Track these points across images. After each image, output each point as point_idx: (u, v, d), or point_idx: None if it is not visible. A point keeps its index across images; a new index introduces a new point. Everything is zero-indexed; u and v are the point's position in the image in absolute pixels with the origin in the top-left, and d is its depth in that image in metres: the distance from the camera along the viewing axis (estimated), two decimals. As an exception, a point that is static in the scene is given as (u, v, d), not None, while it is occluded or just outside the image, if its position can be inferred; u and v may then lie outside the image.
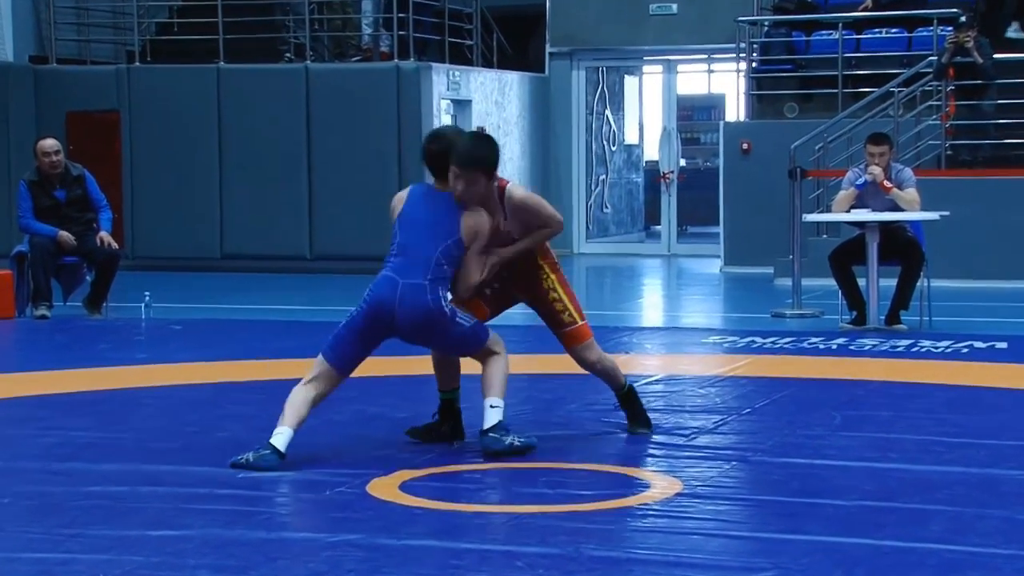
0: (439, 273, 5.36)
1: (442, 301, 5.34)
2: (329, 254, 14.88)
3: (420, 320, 5.33)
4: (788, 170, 11.13)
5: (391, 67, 14.80)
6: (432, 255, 5.35)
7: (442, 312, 5.33)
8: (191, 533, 4.26)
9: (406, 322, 5.34)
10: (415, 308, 5.31)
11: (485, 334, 5.45)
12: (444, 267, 5.37)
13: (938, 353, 8.22)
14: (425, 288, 5.32)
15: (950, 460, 5.25)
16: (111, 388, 7.18)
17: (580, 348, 5.62)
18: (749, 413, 6.19)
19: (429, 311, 5.31)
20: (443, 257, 5.36)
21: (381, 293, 5.35)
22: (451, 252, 5.38)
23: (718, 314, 11.61)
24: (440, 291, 5.35)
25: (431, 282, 5.33)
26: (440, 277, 5.36)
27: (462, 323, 5.39)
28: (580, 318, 5.60)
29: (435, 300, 5.32)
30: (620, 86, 18.44)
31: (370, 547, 4.10)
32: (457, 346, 5.49)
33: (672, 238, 17.36)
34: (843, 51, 14.64)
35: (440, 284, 5.36)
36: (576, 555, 4.00)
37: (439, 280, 5.36)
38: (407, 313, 5.32)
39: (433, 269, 5.34)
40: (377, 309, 5.35)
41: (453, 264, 5.40)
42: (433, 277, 5.34)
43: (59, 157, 10.38)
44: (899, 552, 4.02)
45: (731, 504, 4.71)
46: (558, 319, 5.59)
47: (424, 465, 5.20)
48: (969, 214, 12.28)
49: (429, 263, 5.34)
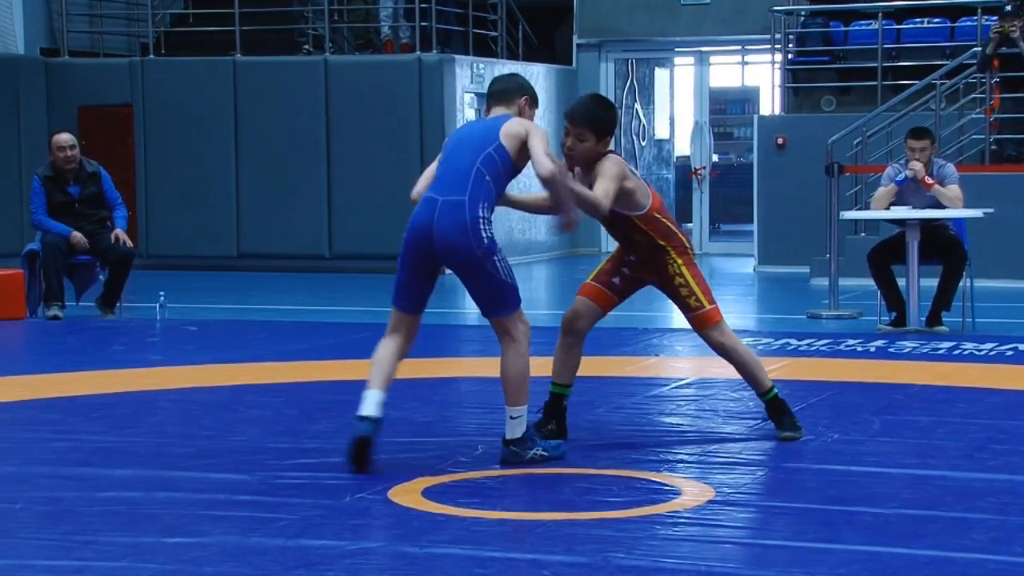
0: (480, 188, 5.17)
1: (481, 223, 5.15)
2: (349, 253, 14.93)
3: (456, 240, 5.13)
4: (825, 166, 11.11)
5: (413, 59, 14.83)
6: (471, 166, 5.19)
7: (479, 236, 5.13)
8: (208, 540, 4.28)
9: (443, 243, 5.15)
10: (452, 226, 5.14)
11: (517, 301, 5.28)
12: (486, 179, 5.19)
13: (981, 356, 8.20)
14: (464, 205, 5.15)
15: (994, 467, 5.25)
16: (125, 391, 7.22)
17: (709, 331, 5.67)
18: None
19: (465, 229, 5.12)
20: (484, 167, 5.20)
21: (419, 212, 5.23)
22: (492, 161, 5.21)
23: (752, 315, 11.60)
24: (480, 209, 5.16)
25: (471, 199, 5.15)
26: (482, 192, 5.17)
27: (498, 264, 5.20)
28: (708, 302, 5.65)
29: (473, 219, 5.14)
30: (650, 79, 18.43)
31: (392, 555, 4.13)
32: (487, 292, 5.23)
33: (704, 236, 17.36)
34: (883, 42, 14.61)
35: (481, 201, 5.16)
36: (604, 564, 4.01)
37: (480, 196, 5.16)
38: (444, 231, 5.14)
39: (473, 182, 5.17)
40: (415, 231, 5.22)
41: (497, 179, 5.22)
42: (473, 192, 5.16)
43: (75, 152, 10.43)
44: (939, 562, 4.01)
45: (765, 512, 4.72)
46: (685, 303, 5.66)
47: (447, 471, 5.22)
48: (1014, 211, 12.23)
49: (468, 175, 5.18)
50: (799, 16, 15.66)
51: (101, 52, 16.37)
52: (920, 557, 4.06)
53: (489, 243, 5.18)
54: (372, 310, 11.53)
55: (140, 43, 16.37)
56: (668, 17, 16.73)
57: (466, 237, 5.15)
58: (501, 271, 5.23)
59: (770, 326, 10.36)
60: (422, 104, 14.71)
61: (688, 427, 6.01)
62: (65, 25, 16.04)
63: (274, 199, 15.11)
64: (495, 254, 5.21)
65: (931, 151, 9.46)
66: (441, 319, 11.14)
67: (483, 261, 5.19)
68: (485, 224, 5.18)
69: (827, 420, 6.21)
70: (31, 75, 15.72)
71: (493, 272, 5.21)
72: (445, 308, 12.22)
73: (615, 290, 5.75)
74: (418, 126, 14.72)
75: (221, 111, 15.23)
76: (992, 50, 13.26)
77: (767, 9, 15.46)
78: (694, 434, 5.89)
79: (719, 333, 5.68)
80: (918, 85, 13.59)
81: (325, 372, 7.80)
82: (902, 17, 15.12)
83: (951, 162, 10.20)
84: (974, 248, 9.62)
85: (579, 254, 16.86)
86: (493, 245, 5.21)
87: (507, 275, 5.26)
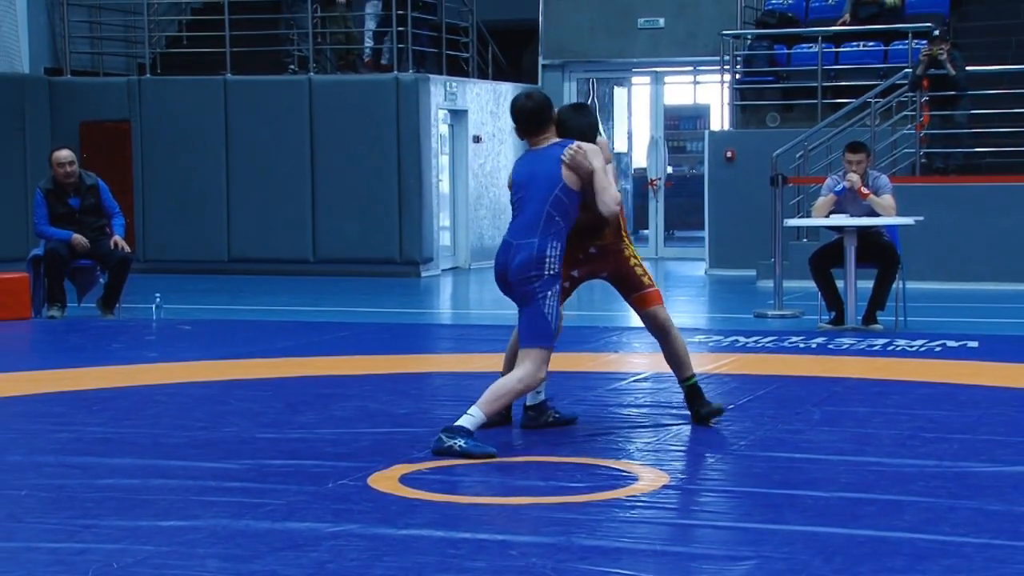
0: (551, 228, 5.31)
1: (547, 258, 5.27)
2: (331, 257, 14.89)
3: (523, 267, 5.28)
4: (770, 177, 11.14)
5: (391, 79, 14.80)
6: (542, 210, 5.32)
7: (541, 271, 5.26)
8: (200, 524, 4.26)
9: (515, 278, 5.33)
10: (520, 261, 5.30)
11: (547, 341, 5.30)
12: (556, 219, 5.32)
13: (912, 352, 8.24)
14: (534, 245, 5.30)
15: (924, 454, 5.27)
16: (123, 386, 7.17)
17: (657, 307, 5.75)
18: (733, 409, 6.20)
19: (530, 258, 5.27)
20: (553, 209, 5.33)
21: (498, 259, 5.44)
22: (561, 202, 5.33)
23: (703, 314, 11.62)
24: (549, 246, 5.29)
25: (541, 237, 5.30)
26: (553, 232, 5.31)
27: (546, 301, 5.28)
28: (652, 283, 5.77)
29: (540, 251, 5.28)
30: (610, 96, 18.45)
31: (371, 537, 4.11)
32: (528, 316, 5.31)
33: (659, 242, 17.38)
34: (822, 63, 14.66)
35: (552, 238, 5.30)
36: (567, 544, 4.01)
37: (551, 235, 5.30)
38: (515, 269, 5.32)
39: (544, 224, 5.31)
40: (498, 274, 5.45)
41: (566, 216, 5.35)
42: (544, 232, 5.30)
43: (73, 167, 10.37)
44: (875, 541, 4.03)
45: (715, 496, 4.72)
46: (640, 282, 5.72)
47: (423, 459, 5.20)
48: (942, 219, 12.31)
49: (539, 218, 5.32)
50: (746, 39, 15.70)
51: (101, 71, 16.28)
52: (858, 536, 4.08)
53: (548, 275, 5.29)
54: (353, 310, 11.50)
55: (137, 63, 16.28)
56: (626, 40, 16.74)
57: (529, 261, 5.29)
58: (545, 303, 5.31)
59: (720, 324, 10.37)
60: (399, 120, 14.68)
61: (645, 418, 6.02)
62: (67, 46, 15.95)
63: (262, 207, 15.05)
64: (548, 286, 5.29)
65: (867, 163, 9.49)
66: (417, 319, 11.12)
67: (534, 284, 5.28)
68: (550, 256, 5.29)
69: (772, 411, 6.23)
70: (35, 93, 15.62)
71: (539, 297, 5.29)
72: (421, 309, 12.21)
73: (567, 293, 5.70)
74: (395, 140, 14.70)
75: (212, 126, 15.16)
76: (922, 71, 13.33)
77: (717, 33, 15.50)
78: (650, 424, 5.90)
79: (663, 310, 5.78)
80: (855, 103, 13.64)
81: (309, 368, 7.77)
82: (840, 41, 15.18)
83: (885, 174, 10.24)
84: (906, 253, 9.66)
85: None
86: (551, 280, 5.29)
87: (550, 312, 5.31)
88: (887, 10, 15.12)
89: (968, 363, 7.76)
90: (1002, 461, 5.11)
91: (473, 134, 16.01)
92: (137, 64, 16.27)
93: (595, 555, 3.92)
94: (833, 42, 15.08)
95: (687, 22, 16.41)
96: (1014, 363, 7.75)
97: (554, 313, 5.33)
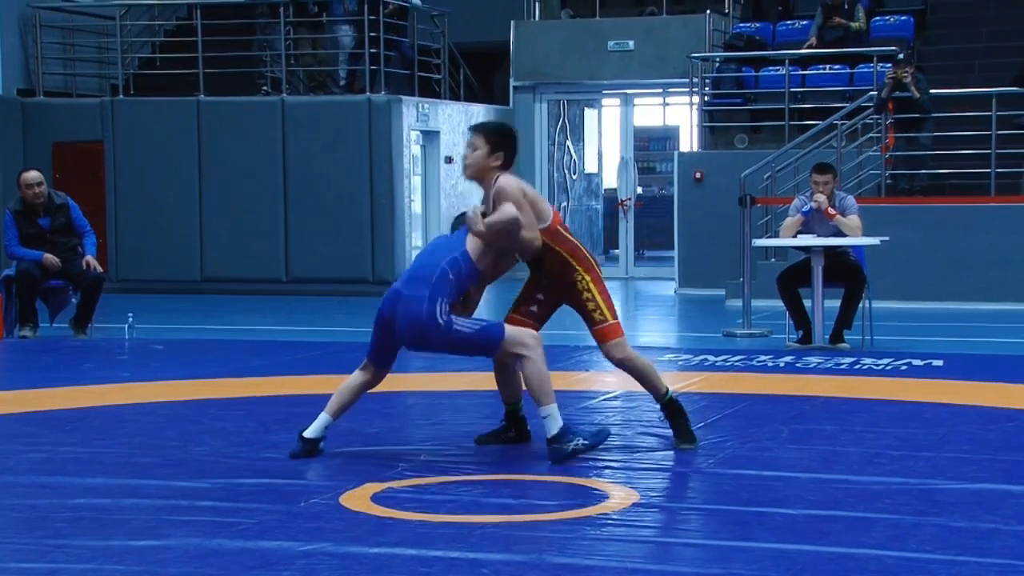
0: (443, 286, 5.36)
1: (437, 313, 5.33)
2: (304, 277, 14.85)
3: (413, 330, 5.38)
4: (738, 198, 11.19)
5: (363, 100, 14.81)
6: (437, 266, 5.40)
7: (435, 324, 5.33)
8: (172, 543, 4.23)
9: (402, 331, 5.42)
10: (409, 318, 5.37)
11: (496, 336, 5.40)
12: (450, 278, 5.38)
13: (879, 370, 8.27)
14: (423, 299, 5.33)
15: (891, 471, 5.28)
16: (96, 405, 7.13)
17: (609, 345, 5.57)
18: (702, 427, 6.21)
19: (421, 322, 5.33)
20: (450, 269, 5.39)
21: (384, 305, 5.50)
22: (458, 264, 5.40)
23: (673, 333, 11.64)
24: (439, 304, 5.34)
25: (431, 294, 5.34)
26: (444, 290, 5.36)
27: (462, 329, 5.36)
28: (611, 317, 5.56)
29: (430, 313, 5.32)
30: (580, 118, 18.51)
31: (343, 555, 4.10)
32: (462, 350, 5.48)
33: (629, 262, 17.42)
34: (789, 86, 14.75)
35: (441, 296, 5.35)
36: (539, 562, 4.00)
37: (441, 292, 5.35)
38: (402, 323, 5.40)
39: (436, 280, 5.36)
40: (381, 318, 5.50)
41: (461, 278, 5.41)
42: (435, 289, 5.35)
43: (41, 188, 10.33)
44: (842, 558, 4.04)
45: (685, 513, 4.72)
46: (591, 317, 5.57)
47: (394, 478, 5.19)
48: (908, 239, 12.39)
49: (433, 274, 5.38)
50: (715, 62, 15.79)
51: (74, 92, 16.22)
52: (825, 553, 4.09)
53: (445, 323, 5.35)
54: (325, 330, 11.48)
55: (110, 84, 16.23)
56: (597, 62, 16.81)
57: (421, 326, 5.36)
58: (463, 328, 5.38)
59: (689, 343, 10.39)
60: (371, 140, 14.68)
61: (615, 436, 6.02)
62: (40, 67, 15.88)
63: (235, 227, 15.01)
64: (453, 324, 5.36)
65: (833, 184, 9.55)
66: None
67: (444, 334, 5.37)
68: (441, 312, 5.35)
69: (741, 429, 6.24)
70: (8, 114, 15.54)
71: (457, 334, 5.38)
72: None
73: (534, 317, 5.69)
74: (368, 161, 14.69)
75: (185, 147, 15.12)
76: (887, 94, 13.43)
77: (686, 56, 15.57)
78: (620, 443, 5.90)
79: (617, 347, 5.60)
80: (821, 125, 13.72)
81: (282, 387, 7.74)
82: (807, 64, 15.28)
83: (851, 195, 10.30)
84: (872, 272, 9.71)
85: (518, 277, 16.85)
86: (449, 321, 5.36)
87: (472, 327, 5.40)
88: (852, 34, 15.23)
89: (933, 381, 7.80)
90: (967, 478, 5.14)
91: (445, 155, 16.02)
92: (110, 85, 16.22)
93: (566, 573, 3.92)
94: (800, 65, 15.19)
95: (656, 45, 16.49)
96: (978, 381, 7.80)
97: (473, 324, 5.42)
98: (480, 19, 17.70)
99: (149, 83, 16.03)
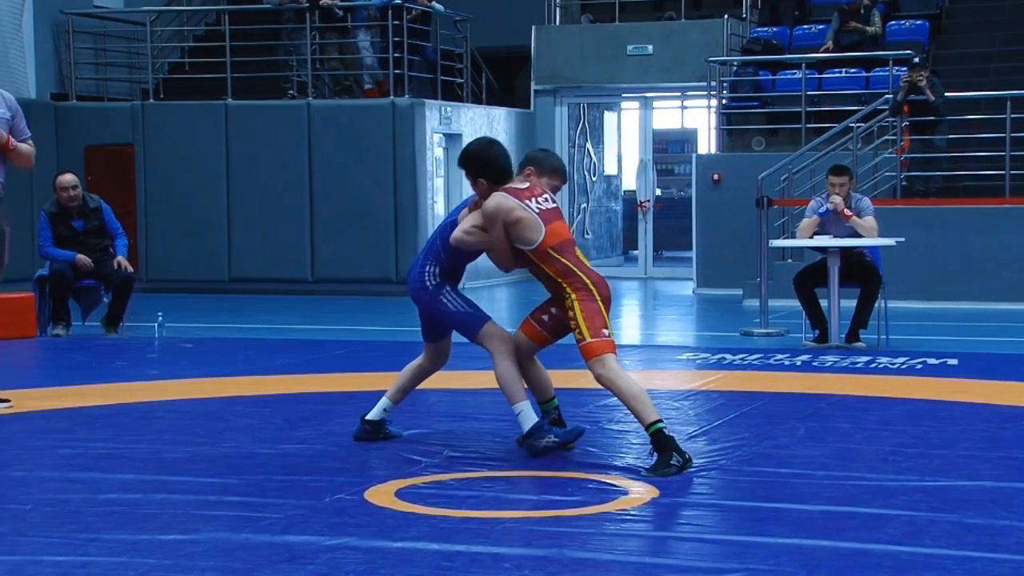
0: (432, 252, 5.64)
1: (425, 276, 5.62)
2: (329, 277, 14.88)
3: (411, 289, 5.69)
4: (755, 199, 11.17)
5: (387, 103, 14.83)
6: (435, 237, 5.71)
7: (423, 286, 5.60)
8: (200, 537, 4.25)
9: (410, 292, 5.72)
10: (409, 280, 5.74)
11: (474, 324, 5.57)
12: (438, 245, 5.63)
13: (894, 369, 8.25)
14: (418, 262, 5.67)
15: (905, 469, 5.27)
16: (126, 402, 7.16)
17: (590, 362, 5.38)
18: (720, 425, 6.20)
19: (413, 283, 5.65)
20: (439, 237, 5.66)
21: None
22: (446, 232, 5.62)
23: (691, 333, 11.62)
24: (428, 266, 5.64)
25: (422, 259, 5.65)
26: (433, 255, 5.63)
27: (446, 303, 5.59)
28: (590, 335, 5.34)
29: (419, 275, 5.62)
30: (600, 121, 18.50)
31: (367, 550, 4.10)
32: (448, 325, 5.70)
33: (648, 262, 17.40)
34: (806, 89, 14.71)
35: (430, 260, 5.64)
36: (559, 557, 4.00)
37: (430, 256, 5.64)
38: (409, 284, 5.73)
39: (428, 246, 5.71)
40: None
41: (448, 250, 5.60)
42: (426, 255, 5.66)
43: (76, 191, 10.37)
44: (858, 554, 4.03)
45: (703, 510, 4.71)
46: (576, 336, 5.47)
47: (418, 474, 5.19)
48: (922, 240, 12.35)
49: (428, 242, 5.75)
50: (732, 66, 15.75)
51: (106, 96, 16.29)
52: (841, 549, 4.08)
53: (432, 287, 5.59)
54: (350, 329, 11.50)
55: (141, 88, 16.30)
56: (616, 66, 16.79)
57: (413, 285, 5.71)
58: (448, 303, 5.59)
59: (707, 342, 10.38)
60: (395, 143, 14.70)
61: (634, 433, 6.01)
62: (73, 72, 15.96)
63: (262, 228, 15.05)
64: (440, 292, 5.58)
65: (849, 186, 9.52)
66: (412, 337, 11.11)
67: (431, 300, 5.61)
68: (428, 275, 5.62)
69: (758, 426, 6.23)
70: (42, 118, 15.58)
71: (443, 305, 5.59)
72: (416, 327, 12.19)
73: (545, 327, 5.61)
74: (392, 163, 14.71)
75: (214, 149, 15.17)
76: (902, 97, 13.38)
77: (704, 59, 15.55)
78: (639, 439, 5.89)
79: (599, 365, 5.35)
80: (837, 128, 13.68)
81: (307, 385, 7.76)
82: (823, 67, 15.23)
83: (867, 196, 10.27)
84: (888, 273, 9.68)
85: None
86: (438, 287, 5.59)
87: (457, 306, 5.59)
88: (868, 38, 15.19)
89: (948, 380, 7.77)
90: (982, 476, 5.12)
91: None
92: (141, 89, 16.28)
93: (586, 567, 3.92)
94: (816, 69, 15.14)
95: (675, 49, 16.46)
96: (992, 380, 7.76)
97: (460, 304, 5.61)
98: (502, 24, 17.71)
99: (179, 87, 16.10)
